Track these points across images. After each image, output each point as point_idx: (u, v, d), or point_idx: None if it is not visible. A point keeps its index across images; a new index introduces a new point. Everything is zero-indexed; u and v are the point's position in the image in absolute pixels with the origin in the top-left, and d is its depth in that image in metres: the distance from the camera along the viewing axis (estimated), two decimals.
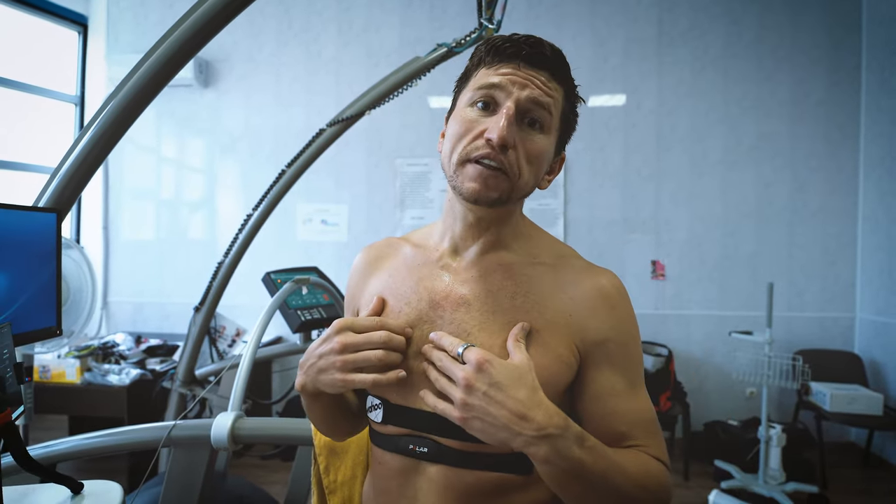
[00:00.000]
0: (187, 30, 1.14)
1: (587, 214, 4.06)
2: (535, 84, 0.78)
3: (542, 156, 0.81)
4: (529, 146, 0.79)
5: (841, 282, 3.93)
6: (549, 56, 0.79)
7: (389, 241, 1.00)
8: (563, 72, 0.82)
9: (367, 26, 4.16)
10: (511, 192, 0.80)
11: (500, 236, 0.87)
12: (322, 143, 2.24)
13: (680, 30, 4.00)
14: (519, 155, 0.78)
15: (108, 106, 1.17)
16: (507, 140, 0.76)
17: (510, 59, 0.79)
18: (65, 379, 3.06)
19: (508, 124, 0.76)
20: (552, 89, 0.79)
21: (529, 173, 0.80)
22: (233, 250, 2.47)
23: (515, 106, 0.77)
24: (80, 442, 1.36)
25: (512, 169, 0.78)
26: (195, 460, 1.34)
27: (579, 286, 0.83)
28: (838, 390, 3.27)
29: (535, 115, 0.79)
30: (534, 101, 0.78)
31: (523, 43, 0.79)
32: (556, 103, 0.80)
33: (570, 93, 0.84)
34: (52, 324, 1.03)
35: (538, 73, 0.79)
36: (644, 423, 0.81)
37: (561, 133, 0.85)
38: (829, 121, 3.92)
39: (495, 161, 0.77)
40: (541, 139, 0.80)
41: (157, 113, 4.29)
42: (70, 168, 1.19)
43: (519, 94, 0.77)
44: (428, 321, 0.84)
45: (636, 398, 0.82)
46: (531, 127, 0.79)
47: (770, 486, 2.95)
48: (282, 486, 3.03)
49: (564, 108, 0.83)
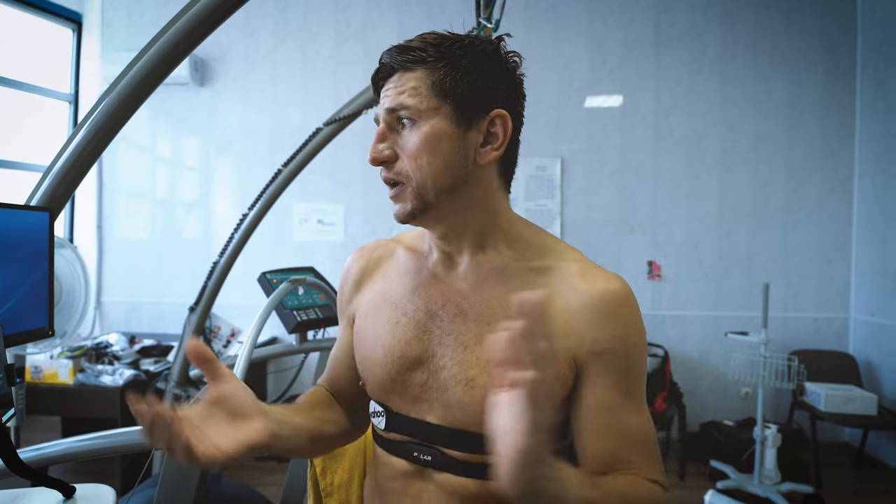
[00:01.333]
0: (182, 27, 1.13)
1: (584, 215, 4.06)
2: (388, 95, 0.79)
3: (426, 144, 0.77)
4: (406, 144, 0.79)
5: (836, 283, 3.94)
6: (393, 59, 0.79)
7: (382, 243, 0.99)
8: (411, 57, 0.78)
9: (364, 25, 4.15)
10: (419, 195, 0.78)
11: (480, 239, 0.84)
12: (318, 143, 2.23)
13: (677, 31, 4.00)
14: (403, 158, 0.79)
15: (101, 104, 1.16)
16: (375, 156, 0.80)
17: (377, 87, 0.83)
18: (57, 379, 3.03)
19: (374, 143, 0.79)
20: (404, 83, 0.78)
21: (420, 168, 0.77)
22: (228, 250, 2.45)
23: (383, 122, 0.80)
24: (72, 444, 1.34)
25: (400, 175, 0.79)
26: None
27: (576, 292, 0.80)
28: (833, 391, 3.28)
29: (401, 116, 0.78)
30: (389, 110, 0.79)
31: (376, 71, 0.82)
32: (415, 90, 0.77)
33: (439, 62, 0.77)
34: (44, 324, 1.02)
35: (390, 81, 0.80)
36: (639, 443, 0.78)
37: (453, 101, 0.77)
38: (825, 122, 3.93)
39: (386, 181, 0.81)
40: (413, 132, 0.78)
41: (153, 111, 4.26)
42: (63, 166, 1.17)
43: (381, 115, 0.80)
44: (427, 331, 0.84)
45: (633, 414, 0.78)
46: (404, 128, 0.79)
47: (765, 487, 2.95)
48: (276, 487, 3.01)
49: (434, 80, 0.77)
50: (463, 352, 0.80)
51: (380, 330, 0.87)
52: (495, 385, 0.73)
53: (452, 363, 0.81)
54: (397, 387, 0.85)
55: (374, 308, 0.91)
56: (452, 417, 0.81)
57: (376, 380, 0.87)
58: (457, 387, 0.80)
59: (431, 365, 0.83)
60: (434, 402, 0.82)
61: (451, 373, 0.81)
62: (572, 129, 4.05)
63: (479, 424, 0.76)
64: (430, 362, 0.83)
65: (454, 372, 0.80)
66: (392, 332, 0.86)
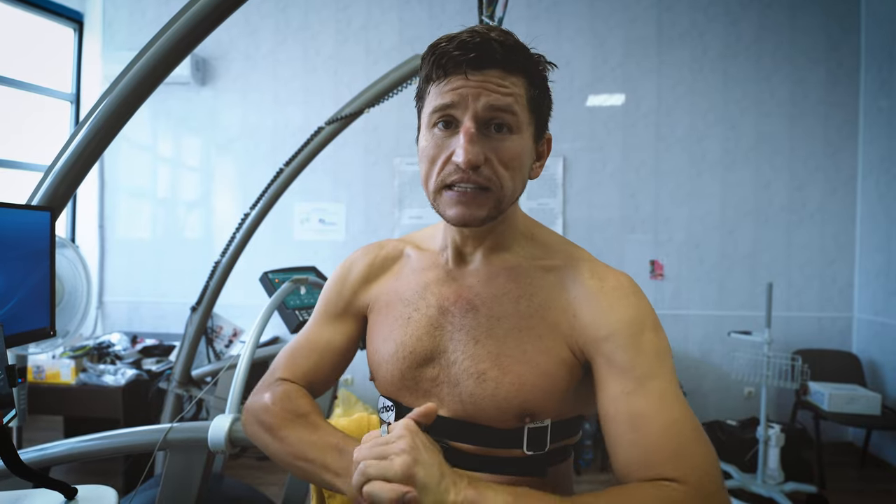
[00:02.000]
0: (182, 26, 1.12)
1: (586, 214, 4.05)
2: (489, 89, 0.73)
3: (519, 157, 0.77)
4: (502, 153, 0.75)
5: (839, 282, 3.93)
6: (496, 52, 0.73)
7: (391, 242, 0.99)
8: (518, 60, 0.75)
9: (365, 24, 4.14)
10: (498, 204, 0.78)
11: (501, 239, 0.86)
12: (320, 142, 2.23)
13: (679, 30, 3.99)
14: (495, 165, 0.75)
15: (102, 103, 1.15)
16: (474, 160, 0.73)
17: (456, 69, 0.74)
18: (59, 379, 3.03)
19: (471, 144, 0.73)
20: (509, 85, 0.74)
21: (511, 178, 0.77)
22: (230, 250, 2.45)
23: (474, 122, 0.74)
24: (75, 445, 1.34)
25: (492, 182, 0.75)
26: (192, 463, 1.32)
27: (582, 287, 0.81)
28: (837, 390, 3.27)
29: (500, 120, 0.75)
30: (491, 107, 0.74)
31: (467, 47, 0.73)
32: (518, 98, 0.75)
33: (534, 76, 0.78)
34: (46, 324, 1.02)
35: (489, 75, 0.74)
36: (655, 429, 0.71)
37: (536, 119, 0.80)
38: (827, 121, 3.92)
39: (471, 183, 0.75)
40: (512, 141, 0.76)
41: (154, 111, 4.26)
42: (64, 166, 1.17)
43: (475, 107, 0.73)
44: (439, 327, 0.85)
45: (648, 397, 0.72)
46: (499, 132, 0.75)
47: (769, 486, 2.95)
48: (279, 487, 3.01)
49: (531, 94, 0.77)
50: (474, 346, 0.81)
51: (392, 326, 0.88)
52: (505, 378, 0.79)
53: (464, 357, 0.82)
54: (408, 382, 0.86)
55: (387, 305, 0.91)
56: (464, 411, 0.81)
57: (387, 375, 0.88)
58: (468, 380, 0.81)
59: (443, 360, 0.84)
60: (445, 396, 0.83)
61: (463, 367, 0.82)
62: (574, 128, 4.04)
63: (489, 417, 0.80)
64: (442, 358, 0.84)
65: (465, 366, 0.81)
66: (404, 329, 0.87)
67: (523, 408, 0.79)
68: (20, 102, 3.92)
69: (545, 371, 0.79)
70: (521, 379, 0.79)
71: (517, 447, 0.80)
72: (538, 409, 0.80)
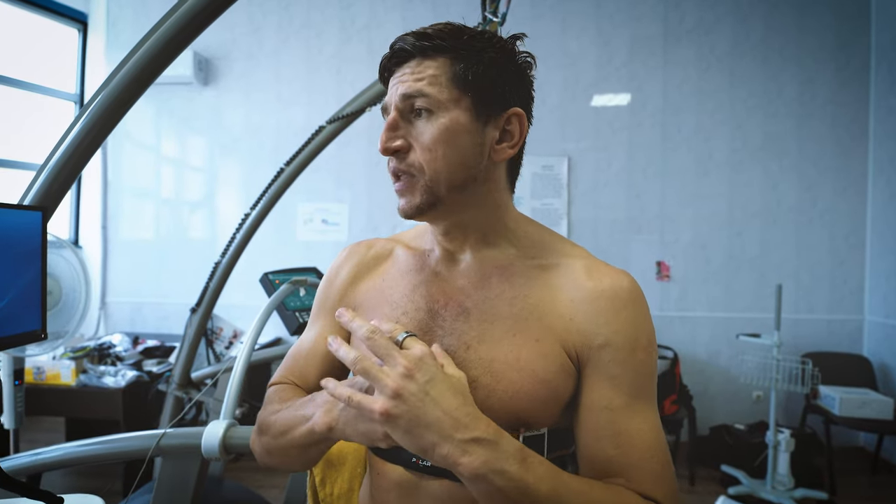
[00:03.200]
0: (180, 19, 1.10)
1: (591, 214, 4.01)
2: (403, 80, 0.76)
3: (439, 136, 0.75)
4: (422, 137, 0.75)
5: (849, 284, 3.88)
6: (409, 45, 0.76)
7: (379, 241, 0.96)
8: (435, 43, 0.76)
9: (368, 23, 4.12)
10: (430, 189, 0.76)
11: (488, 237, 0.83)
12: (322, 141, 2.20)
13: (685, 28, 3.95)
14: (416, 150, 0.76)
15: (96, 99, 1.13)
16: (387, 146, 0.76)
17: (387, 72, 0.80)
18: (60, 381, 3.00)
19: (386, 130, 0.76)
20: (423, 69, 0.76)
21: (435, 160, 0.75)
22: (230, 250, 2.43)
23: (396, 111, 0.76)
24: (68, 451, 1.32)
25: (414, 168, 0.76)
26: (186, 469, 1.29)
27: (581, 288, 0.79)
28: (848, 394, 3.21)
29: (417, 105, 0.75)
30: (403, 95, 0.75)
31: (388, 54, 0.79)
32: (434, 79, 0.75)
33: (461, 52, 0.77)
34: (37, 327, 0.99)
35: (405, 68, 0.77)
36: (640, 450, 0.73)
37: (473, 94, 0.76)
38: (836, 121, 3.87)
39: (399, 172, 0.77)
40: (430, 123, 0.75)
41: (157, 111, 4.25)
42: (57, 164, 1.14)
43: (395, 99, 0.77)
44: (428, 331, 0.81)
45: (636, 417, 0.74)
46: (419, 117, 0.76)
47: (778, 493, 2.90)
48: (279, 490, 2.98)
49: (454, 71, 0.75)
50: (465, 352, 0.78)
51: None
52: (498, 385, 0.76)
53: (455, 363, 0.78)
54: None
55: (373, 308, 0.87)
56: None
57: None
58: None
59: None
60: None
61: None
62: (579, 128, 4.01)
63: None
64: None
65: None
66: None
67: (517, 417, 0.75)
68: (24, 103, 3.91)
69: (542, 378, 0.75)
70: (514, 386, 0.75)
71: None
72: (533, 419, 0.76)
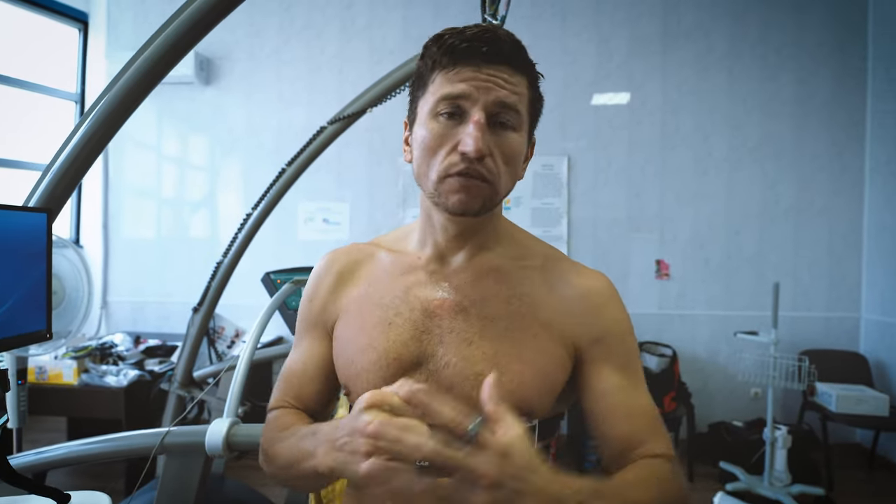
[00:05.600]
0: (183, 23, 1.11)
1: (591, 213, 4.02)
2: (499, 84, 0.75)
3: (518, 155, 0.80)
4: (505, 149, 0.77)
5: (847, 282, 3.90)
6: (507, 49, 0.75)
7: (357, 246, 0.96)
8: (524, 61, 0.78)
9: (369, 23, 4.13)
10: (493, 197, 0.79)
11: (486, 239, 0.86)
12: (323, 141, 2.22)
13: (684, 28, 3.96)
14: (496, 159, 0.76)
15: (101, 102, 1.14)
16: (484, 150, 0.74)
17: (468, 60, 0.75)
18: (62, 380, 3.02)
19: (482, 135, 0.74)
20: (516, 84, 0.76)
21: (507, 175, 0.79)
22: (232, 250, 2.44)
23: (485, 113, 0.75)
24: (72, 449, 1.34)
25: (492, 175, 0.76)
26: (189, 467, 1.31)
27: (570, 287, 0.85)
28: (845, 391, 3.24)
29: (505, 116, 0.76)
30: (501, 103, 0.75)
31: (479, 40, 0.74)
32: (521, 97, 0.77)
33: (533, 80, 0.81)
34: (42, 327, 1.01)
35: (499, 70, 0.75)
36: (648, 421, 0.81)
37: (531, 121, 0.83)
38: (833, 121, 3.89)
39: (474, 173, 0.76)
40: (514, 139, 0.78)
41: (158, 111, 4.26)
42: (62, 166, 1.16)
43: (486, 100, 0.74)
44: (426, 331, 0.82)
45: (639, 394, 0.82)
46: (503, 128, 0.77)
47: (776, 489, 2.92)
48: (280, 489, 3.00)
49: (530, 97, 0.80)
50: (468, 348, 0.80)
51: (372, 333, 0.84)
52: (503, 377, 0.77)
53: (457, 360, 0.80)
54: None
55: (359, 312, 0.87)
56: None
57: (367, 386, 0.81)
58: (464, 383, 0.79)
59: (431, 365, 0.81)
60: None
61: (457, 370, 0.79)
62: (579, 127, 4.02)
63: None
64: (430, 363, 0.81)
65: (460, 368, 0.79)
66: (386, 335, 0.82)
67: (519, 408, 0.76)
68: (25, 102, 3.93)
69: (543, 370, 0.80)
70: (519, 378, 0.78)
71: None
72: (533, 409, 0.80)
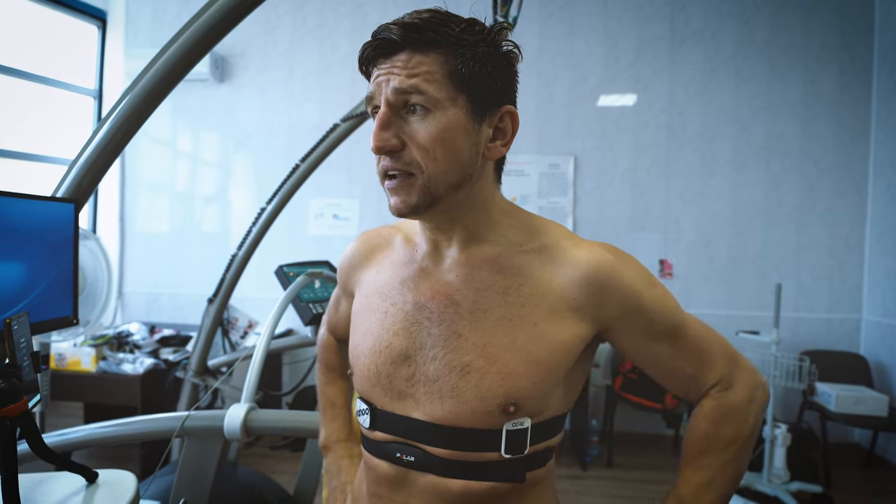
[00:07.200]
0: (203, 25, 1.16)
1: (596, 213, 4.07)
2: (395, 73, 0.72)
3: (437, 137, 0.72)
4: (419, 135, 0.72)
5: (848, 283, 3.92)
6: (398, 36, 0.72)
7: (382, 231, 1.00)
8: (428, 37, 0.72)
9: (381, 22, 4.16)
10: (427, 189, 0.74)
11: (475, 230, 0.81)
12: (335, 139, 2.28)
13: (692, 30, 3.99)
14: (413, 148, 0.73)
15: (124, 99, 1.20)
16: (380, 144, 0.73)
17: (371, 63, 0.76)
18: (80, 367, 3.12)
19: (380, 129, 0.73)
20: (416, 65, 0.72)
21: (434, 160, 0.73)
22: (246, 243, 2.51)
23: (388, 107, 0.73)
24: (95, 430, 1.39)
25: (412, 166, 0.73)
26: (208, 450, 1.37)
27: (578, 266, 0.78)
28: (844, 391, 3.27)
29: (412, 101, 0.72)
30: (397, 90, 0.72)
31: (374, 39, 0.74)
32: (430, 75, 0.72)
33: (457, 48, 0.73)
34: (69, 313, 1.03)
35: (395, 59, 0.73)
36: (709, 351, 0.83)
37: (470, 92, 0.74)
38: (839, 122, 3.91)
39: (395, 170, 0.74)
40: (428, 121, 0.72)
41: (173, 107, 4.34)
42: (88, 159, 1.20)
43: (386, 93, 0.73)
44: (415, 322, 0.81)
45: (687, 335, 0.82)
46: (414, 114, 0.73)
47: (774, 486, 2.96)
48: (290, 476, 3.07)
49: (451, 68, 0.72)
50: (457, 339, 0.78)
51: (371, 318, 0.86)
52: (492, 367, 0.76)
53: (445, 352, 0.78)
54: (382, 380, 0.82)
55: (366, 297, 0.90)
56: (441, 411, 0.77)
57: (364, 369, 0.85)
58: (450, 374, 0.77)
59: (419, 357, 0.80)
60: (421, 397, 0.79)
61: (444, 361, 0.78)
62: (585, 128, 4.07)
63: (470, 413, 0.76)
64: (418, 355, 0.80)
65: (447, 360, 0.77)
66: (381, 323, 0.84)
67: (508, 396, 0.75)
68: (45, 97, 4.02)
69: (535, 359, 0.76)
70: (508, 367, 0.75)
71: (495, 450, 0.77)
72: (524, 399, 0.76)
